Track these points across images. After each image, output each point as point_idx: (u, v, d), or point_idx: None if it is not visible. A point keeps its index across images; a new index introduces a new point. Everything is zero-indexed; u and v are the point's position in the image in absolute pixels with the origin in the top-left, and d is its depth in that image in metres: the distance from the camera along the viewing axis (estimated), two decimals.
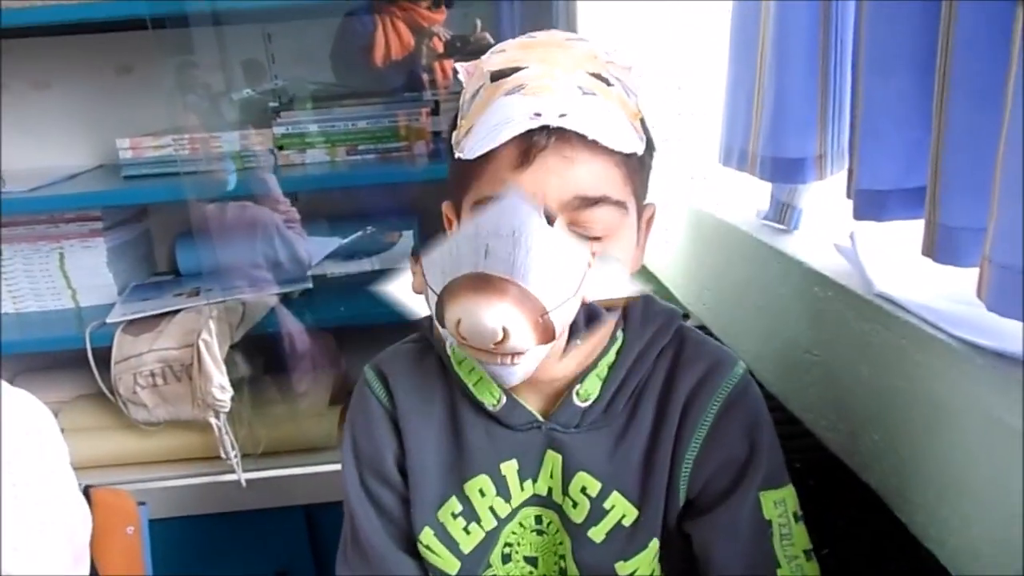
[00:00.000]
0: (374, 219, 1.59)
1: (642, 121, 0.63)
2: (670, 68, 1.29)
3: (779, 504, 0.67)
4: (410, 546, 0.74)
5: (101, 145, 1.56)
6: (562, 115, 0.55)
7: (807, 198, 0.88)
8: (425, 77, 1.51)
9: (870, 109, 0.68)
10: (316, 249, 1.54)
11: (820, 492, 0.73)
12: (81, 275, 1.47)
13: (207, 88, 1.45)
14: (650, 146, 0.64)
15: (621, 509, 0.68)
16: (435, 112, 1.45)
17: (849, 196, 0.72)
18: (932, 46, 0.59)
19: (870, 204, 0.69)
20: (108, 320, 1.37)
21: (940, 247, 0.58)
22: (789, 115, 0.83)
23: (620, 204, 0.60)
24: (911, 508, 0.64)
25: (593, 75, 0.60)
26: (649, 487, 0.68)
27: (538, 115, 0.55)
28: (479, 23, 1.49)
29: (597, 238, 0.60)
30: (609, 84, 0.60)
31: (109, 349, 1.34)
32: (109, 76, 1.54)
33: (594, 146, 0.57)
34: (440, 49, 1.52)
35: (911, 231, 0.69)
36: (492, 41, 1.47)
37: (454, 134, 0.63)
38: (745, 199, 1.07)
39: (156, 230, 1.66)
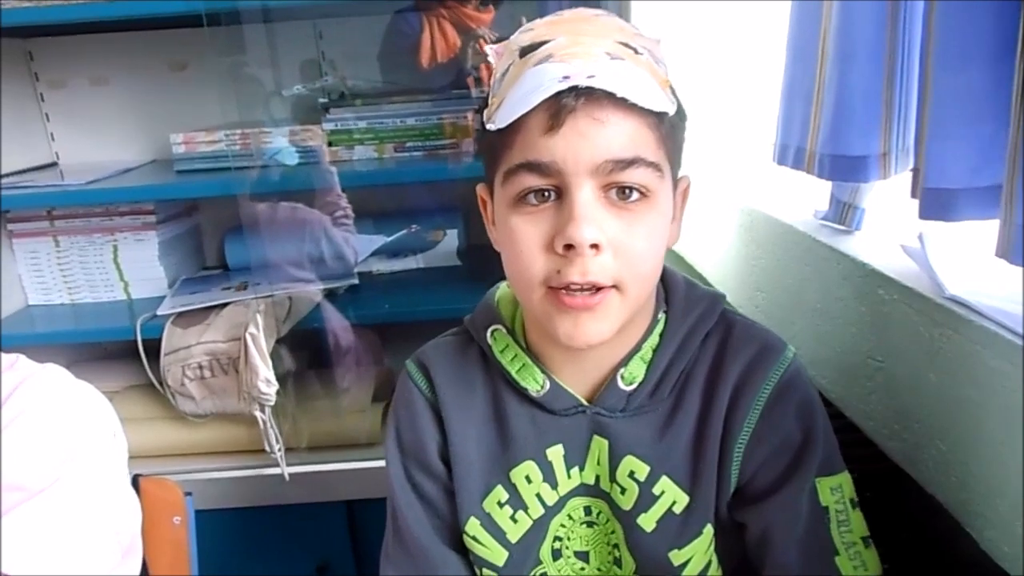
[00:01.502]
0: (419, 217, 1.59)
1: (672, 89, 0.63)
2: (723, 67, 1.27)
3: (836, 490, 0.66)
4: (454, 540, 0.74)
5: (155, 140, 1.60)
6: (590, 76, 0.55)
7: (870, 197, 0.85)
8: (471, 77, 1.51)
9: (939, 105, 0.65)
10: (362, 246, 1.55)
11: (879, 504, 0.70)
12: (133, 268, 1.51)
13: (259, 84, 1.47)
14: (682, 114, 0.64)
15: (671, 495, 0.67)
16: (481, 110, 1.45)
17: (915, 195, 0.70)
18: (1009, 38, 0.57)
19: (938, 203, 0.66)
20: (159, 312, 1.40)
21: (1018, 248, 0.55)
22: (852, 112, 0.81)
23: (655, 166, 0.60)
24: (981, 523, 0.61)
25: (621, 43, 0.60)
26: (699, 472, 0.67)
27: (566, 78, 0.55)
28: (524, 20, 1.48)
29: (633, 203, 0.60)
30: (637, 52, 0.60)
31: (159, 341, 1.37)
32: (164, 72, 1.57)
33: (625, 107, 0.56)
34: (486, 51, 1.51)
35: (981, 231, 0.67)
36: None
37: (485, 112, 0.64)
38: (800, 198, 1.04)
39: (205, 225, 1.69)
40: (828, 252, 0.84)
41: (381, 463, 1.35)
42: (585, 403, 0.69)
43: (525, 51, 0.60)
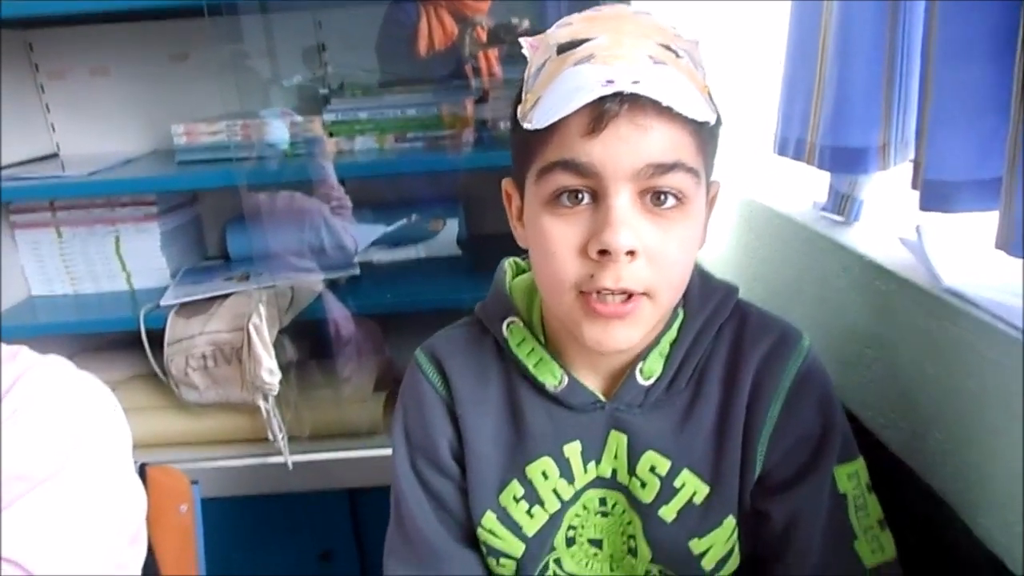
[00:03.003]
0: (420, 206, 1.60)
1: (710, 94, 0.62)
2: (722, 58, 1.27)
3: (852, 477, 0.67)
4: (460, 535, 0.74)
5: (156, 130, 1.60)
6: (635, 82, 0.54)
7: (868, 189, 0.86)
8: (470, 66, 1.51)
9: (941, 98, 0.66)
10: (362, 236, 1.56)
11: (877, 492, 0.71)
12: (136, 258, 1.51)
13: (259, 74, 1.47)
14: (719, 119, 0.63)
15: (692, 487, 0.68)
16: (482, 100, 1.45)
17: (915, 187, 0.70)
18: (1010, 33, 0.57)
19: (938, 195, 0.67)
20: (162, 303, 1.40)
21: (1018, 240, 0.56)
22: (852, 104, 0.81)
23: (693, 172, 0.59)
24: (976, 511, 0.62)
25: (662, 46, 0.58)
26: (721, 463, 0.67)
27: (611, 82, 0.54)
28: (526, 22, 1.48)
29: (668, 210, 0.59)
30: (678, 56, 0.59)
31: (162, 331, 1.37)
32: (164, 63, 1.57)
33: (667, 114, 0.55)
34: (484, 39, 1.51)
35: (977, 224, 0.67)
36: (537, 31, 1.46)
37: (519, 108, 0.62)
38: (799, 189, 1.05)
39: (206, 215, 1.69)
40: (827, 243, 0.85)
41: (383, 452, 1.38)
42: (603, 398, 0.69)
43: (563, 48, 0.59)
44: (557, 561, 0.73)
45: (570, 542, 0.72)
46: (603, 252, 0.57)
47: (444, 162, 1.42)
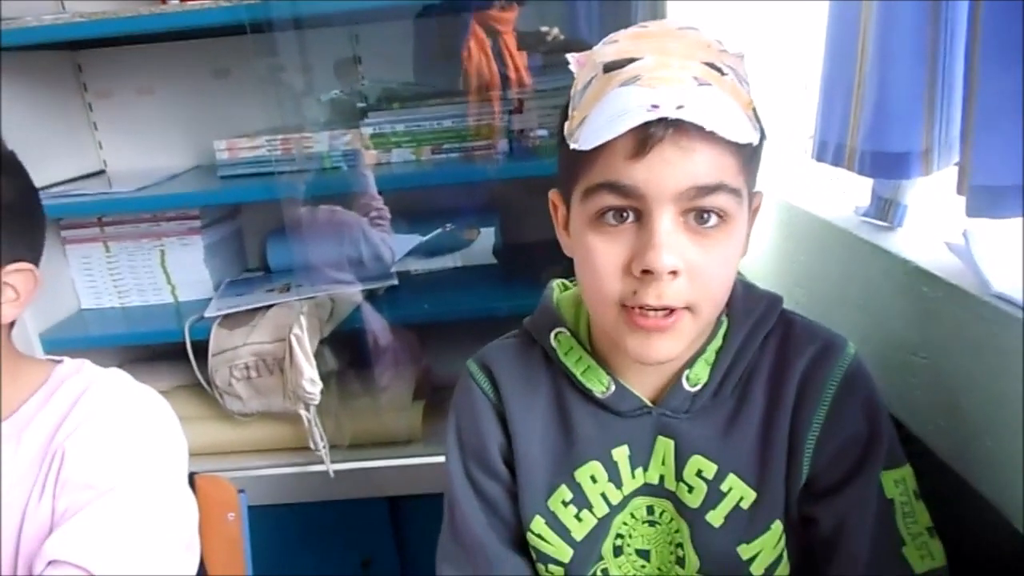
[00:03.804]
0: (455, 216, 1.61)
1: (754, 110, 0.62)
2: (759, 60, 1.26)
3: (899, 483, 0.67)
4: (512, 540, 0.75)
5: (198, 145, 1.64)
6: (679, 107, 0.55)
7: (912, 193, 0.85)
8: (501, 76, 1.51)
9: (986, 102, 0.65)
10: (399, 246, 1.57)
11: (925, 500, 0.70)
12: (180, 271, 1.55)
13: (298, 90, 1.50)
14: (762, 135, 0.64)
15: (739, 491, 0.69)
16: (517, 111, 1.46)
17: (960, 192, 0.69)
18: None
19: (985, 201, 0.66)
20: (206, 314, 1.43)
21: None
22: (893, 108, 0.81)
23: (735, 192, 0.60)
24: None
25: (707, 64, 0.59)
26: (766, 468, 0.68)
27: (655, 107, 0.55)
28: (555, 29, 1.49)
29: (711, 229, 0.60)
30: (723, 73, 0.59)
31: (206, 342, 1.40)
32: (206, 80, 1.61)
33: (711, 137, 0.56)
34: (513, 46, 1.52)
35: None
36: (561, 37, 1.47)
37: (566, 125, 0.64)
38: (839, 194, 1.04)
39: (246, 227, 1.73)
40: (870, 249, 0.84)
41: (422, 460, 1.39)
42: (649, 404, 0.70)
43: (609, 67, 0.60)
44: (604, 571, 0.74)
45: (617, 552, 0.73)
46: (646, 271, 0.59)
47: (480, 172, 1.43)
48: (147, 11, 1.25)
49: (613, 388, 0.70)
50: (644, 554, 0.73)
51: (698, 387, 0.69)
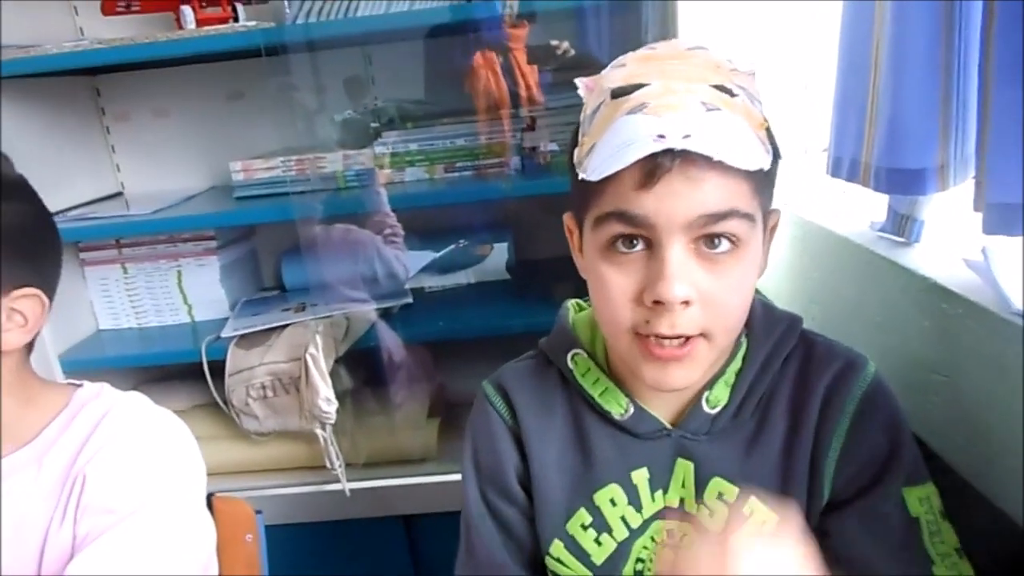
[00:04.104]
0: (468, 233, 1.62)
1: (768, 131, 0.62)
2: (771, 73, 1.26)
3: (924, 501, 0.65)
4: (528, 563, 0.75)
5: (214, 167, 1.66)
6: (686, 136, 0.55)
7: (928, 209, 0.84)
8: (510, 93, 1.51)
9: (1001, 118, 0.65)
10: (412, 263, 1.58)
11: (950, 520, 0.69)
12: (196, 291, 1.56)
13: (312, 110, 1.51)
14: (776, 155, 0.63)
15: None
16: (530, 128, 1.47)
17: (977, 209, 0.69)
18: None
19: (1002, 218, 0.65)
20: (222, 335, 1.44)
21: None
22: (907, 124, 0.80)
23: (748, 216, 0.59)
24: None
25: (717, 87, 0.58)
26: (788, 490, 0.67)
27: (662, 136, 0.55)
28: (565, 43, 1.49)
29: (722, 255, 0.59)
30: (733, 95, 0.59)
31: (222, 361, 1.41)
32: (221, 102, 1.63)
33: (720, 165, 0.56)
34: (523, 62, 1.53)
35: None
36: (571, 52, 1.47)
37: (576, 151, 0.64)
38: (854, 209, 1.03)
39: (261, 247, 1.74)
40: (887, 265, 0.84)
41: (437, 479, 1.39)
42: (668, 426, 0.70)
43: (617, 93, 0.59)
44: None
45: None
46: (657, 302, 0.58)
47: (493, 190, 1.44)
48: (164, 37, 1.26)
49: (632, 410, 0.70)
50: None
51: (718, 409, 0.69)
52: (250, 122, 1.62)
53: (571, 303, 0.80)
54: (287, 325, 1.43)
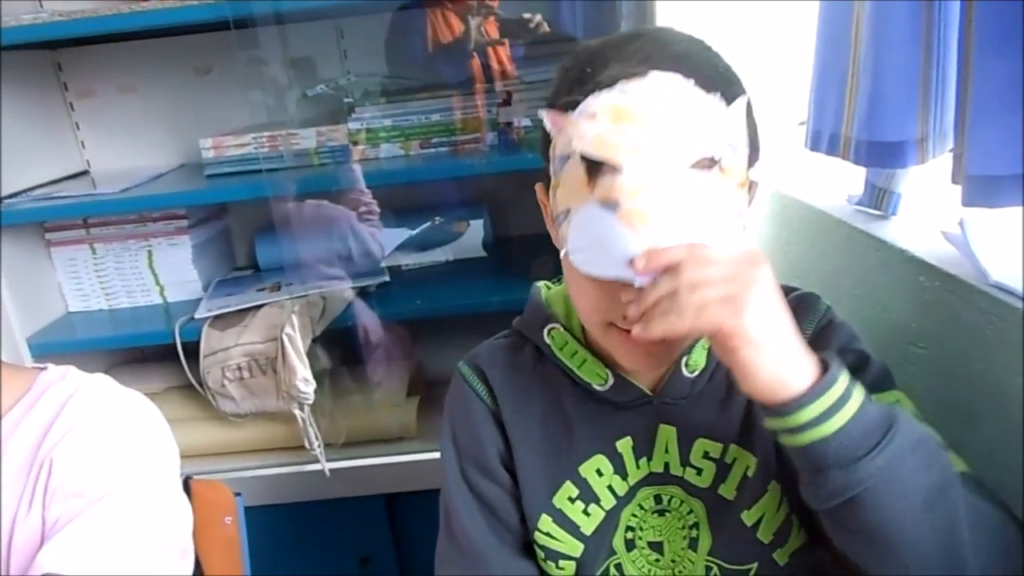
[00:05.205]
0: (444, 210, 1.60)
1: (749, 186, 0.62)
2: (749, 49, 1.25)
3: (897, 404, 0.63)
4: (513, 543, 0.75)
5: (183, 144, 1.62)
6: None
7: (906, 182, 0.85)
8: (478, 61, 1.49)
9: (981, 91, 0.65)
10: (388, 241, 1.56)
11: None
12: (168, 272, 1.53)
13: (284, 85, 1.48)
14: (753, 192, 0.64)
15: (743, 460, 0.69)
16: (506, 103, 1.45)
17: (956, 181, 0.69)
18: None
19: (982, 190, 0.66)
20: (196, 315, 1.42)
21: None
22: (888, 97, 0.80)
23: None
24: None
25: (698, 165, 0.55)
26: (755, 432, 0.69)
27: (631, 262, 0.54)
28: (538, 17, 1.47)
29: None
30: (715, 161, 0.56)
31: (196, 343, 1.39)
32: (190, 77, 1.58)
33: None
34: (494, 34, 1.50)
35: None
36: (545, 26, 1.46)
37: (549, 196, 0.63)
38: (832, 182, 1.04)
39: (234, 226, 1.71)
40: (865, 238, 0.84)
41: (417, 457, 1.39)
42: (649, 393, 0.70)
43: (586, 158, 0.56)
44: (618, 567, 0.73)
45: (630, 545, 0.73)
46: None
47: (469, 167, 1.42)
48: (127, 9, 1.22)
49: (612, 380, 0.70)
50: (657, 547, 0.73)
51: (696, 372, 0.70)
52: (220, 98, 1.58)
53: (540, 284, 0.79)
54: (262, 305, 1.41)
